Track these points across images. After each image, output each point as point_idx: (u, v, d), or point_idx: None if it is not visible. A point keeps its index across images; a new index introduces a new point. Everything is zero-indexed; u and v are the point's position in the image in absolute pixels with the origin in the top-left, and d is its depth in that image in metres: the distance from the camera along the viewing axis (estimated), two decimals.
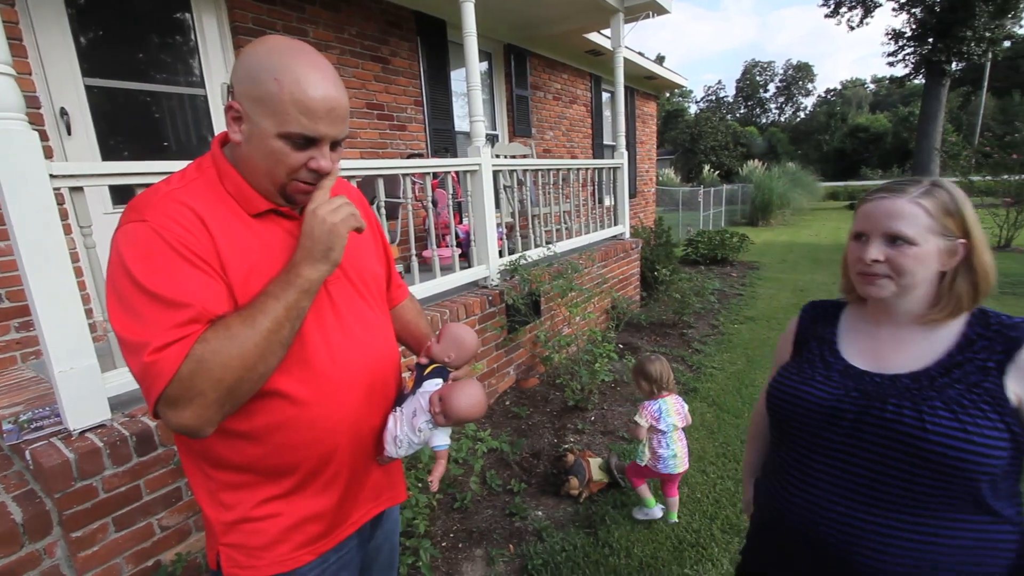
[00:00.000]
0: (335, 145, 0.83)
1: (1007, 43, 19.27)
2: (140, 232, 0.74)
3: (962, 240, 0.90)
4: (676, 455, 2.22)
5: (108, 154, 2.89)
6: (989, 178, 9.54)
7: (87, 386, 1.65)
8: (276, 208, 0.85)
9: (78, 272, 2.05)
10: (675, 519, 2.30)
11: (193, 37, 3.25)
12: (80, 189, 1.71)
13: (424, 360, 1.03)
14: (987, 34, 17.11)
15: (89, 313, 2.13)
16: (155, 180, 1.81)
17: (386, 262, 1.10)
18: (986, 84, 23.82)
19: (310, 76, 0.76)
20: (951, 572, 0.84)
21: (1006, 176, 9.06)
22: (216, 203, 0.81)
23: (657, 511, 2.30)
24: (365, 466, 0.97)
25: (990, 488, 0.83)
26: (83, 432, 1.66)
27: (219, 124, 3.36)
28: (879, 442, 0.86)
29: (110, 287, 0.75)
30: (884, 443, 0.86)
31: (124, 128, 3.02)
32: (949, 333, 0.91)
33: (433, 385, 0.97)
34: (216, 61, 3.33)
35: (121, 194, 2.84)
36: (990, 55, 18.33)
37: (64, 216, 1.92)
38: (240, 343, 0.72)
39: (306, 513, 0.89)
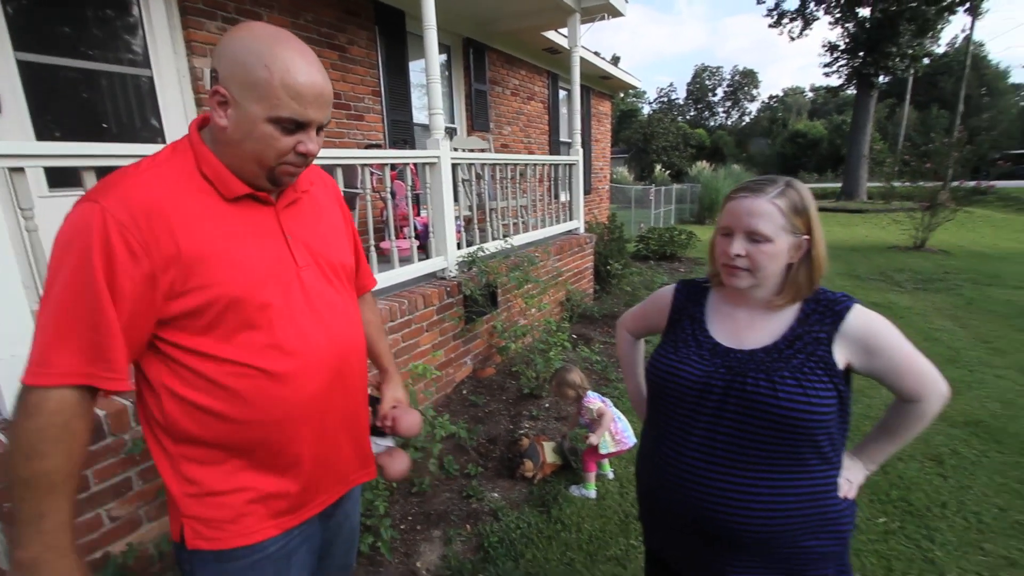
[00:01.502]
0: (319, 129, 0.87)
1: (926, 60, 20.98)
2: (82, 223, 0.76)
3: (806, 236, 1.02)
4: (628, 424, 2.45)
5: (42, 134, 2.73)
6: (908, 184, 10.41)
7: None
8: (253, 193, 0.88)
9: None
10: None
11: (136, 14, 3.10)
12: (21, 170, 1.64)
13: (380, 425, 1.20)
14: (909, 51, 18.66)
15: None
16: (102, 162, 1.75)
17: (355, 250, 1.14)
18: (908, 97, 25.84)
19: (298, 63, 0.80)
20: (802, 517, 0.99)
21: (922, 183, 9.91)
22: (187, 187, 0.83)
23: (593, 493, 2.46)
24: (332, 448, 0.98)
25: (827, 440, 0.98)
26: None
27: (166, 106, 3.22)
28: (741, 410, 0.99)
29: (48, 270, 0.79)
30: (745, 411, 0.98)
31: (60, 107, 2.85)
32: (791, 310, 1.05)
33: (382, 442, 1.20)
34: (163, 42, 3.19)
35: (59, 176, 2.69)
36: (912, 71, 19.98)
37: None
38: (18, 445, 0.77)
39: (271, 490, 0.91)
